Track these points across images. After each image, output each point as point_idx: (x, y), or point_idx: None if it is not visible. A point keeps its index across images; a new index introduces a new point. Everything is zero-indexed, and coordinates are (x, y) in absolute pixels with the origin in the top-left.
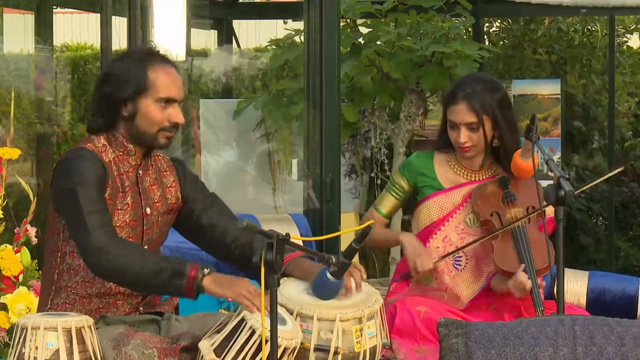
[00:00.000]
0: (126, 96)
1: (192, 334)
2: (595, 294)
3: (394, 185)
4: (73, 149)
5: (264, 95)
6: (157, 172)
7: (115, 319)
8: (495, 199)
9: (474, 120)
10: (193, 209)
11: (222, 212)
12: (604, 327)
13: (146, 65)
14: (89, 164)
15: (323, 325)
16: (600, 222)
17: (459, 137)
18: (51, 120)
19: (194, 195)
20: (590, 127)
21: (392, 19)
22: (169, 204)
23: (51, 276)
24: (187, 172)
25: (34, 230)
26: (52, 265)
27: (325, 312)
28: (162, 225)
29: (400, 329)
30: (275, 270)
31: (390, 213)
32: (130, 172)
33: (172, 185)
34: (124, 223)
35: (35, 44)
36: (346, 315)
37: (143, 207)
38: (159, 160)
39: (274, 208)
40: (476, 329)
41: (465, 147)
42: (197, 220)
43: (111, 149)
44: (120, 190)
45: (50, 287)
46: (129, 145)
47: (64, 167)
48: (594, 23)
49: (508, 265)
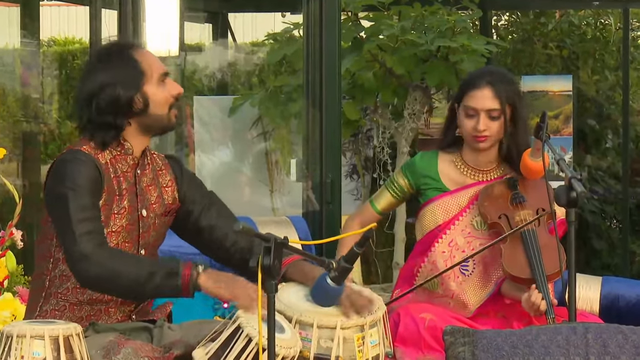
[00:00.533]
0: (134, 90)
1: (186, 342)
2: (609, 301)
3: (393, 183)
4: (68, 151)
5: (261, 92)
6: (154, 171)
7: (105, 326)
8: (503, 201)
9: (497, 107)
10: (191, 210)
11: (221, 214)
12: (618, 335)
13: (130, 53)
14: (84, 168)
15: (323, 333)
16: (614, 225)
17: (478, 125)
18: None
19: (192, 195)
20: (603, 126)
21: (396, 11)
22: (166, 204)
23: (42, 282)
24: (183, 171)
25: (20, 233)
26: (43, 271)
27: (325, 319)
28: (159, 228)
29: (404, 337)
30: (273, 275)
31: (385, 210)
32: (128, 173)
33: (169, 184)
34: (120, 228)
35: (21, 38)
36: (347, 323)
37: (139, 209)
38: (155, 159)
39: (271, 210)
40: (484, 337)
41: (481, 137)
42: (195, 222)
43: (107, 150)
44: (117, 193)
45: (40, 293)
46: (127, 143)
47: (57, 170)
48: (607, 16)
49: (517, 271)
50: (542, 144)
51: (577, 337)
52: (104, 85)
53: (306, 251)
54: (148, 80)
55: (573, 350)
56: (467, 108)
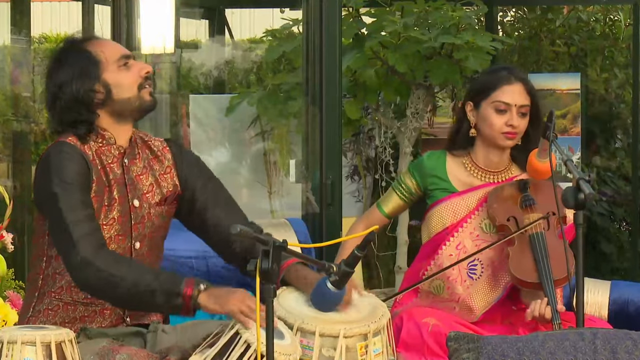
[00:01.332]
0: (93, 81)
1: (182, 347)
2: (618, 306)
3: (401, 184)
4: (53, 144)
5: (259, 90)
6: (146, 159)
7: (96, 331)
8: (512, 203)
9: (528, 103)
10: (195, 199)
11: (228, 212)
12: (627, 341)
13: (83, 46)
14: (70, 162)
15: (325, 342)
16: (624, 228)
17: (512, 120)
18: (29, 117)
19: (194, 181)
20: (612, 125)
21: (398, 7)
22: (164, 192)
23: (35, 282)
24: (184, 154)
25: (11, 236)
26: (37, 270)
27: (328, 327)
28: (155, 218)
29: (407, 343)
30: (272, 279)
31: (393, 213)
32: (114, 163)
33: (167, 171)
34: (112, 220)
35: (11, 34)
36: (351, 331)
37: (130, 199)
38: (149, 146)
39: (270, 212)
40: (489, 343)
41: (512, 133)
42: (200, 214)
43: (92, 142)
44: (106, 184)
45: (34, 293)
46: (107, 132)
47: (44, 166)
48: (616, 12)
49: (524, 274)
50: (550, 144)
51: (585, 343)
52: (62, 83)
53: (306, 254)
54: (105, 68)
55: (581, 357)
56: (498, 103)
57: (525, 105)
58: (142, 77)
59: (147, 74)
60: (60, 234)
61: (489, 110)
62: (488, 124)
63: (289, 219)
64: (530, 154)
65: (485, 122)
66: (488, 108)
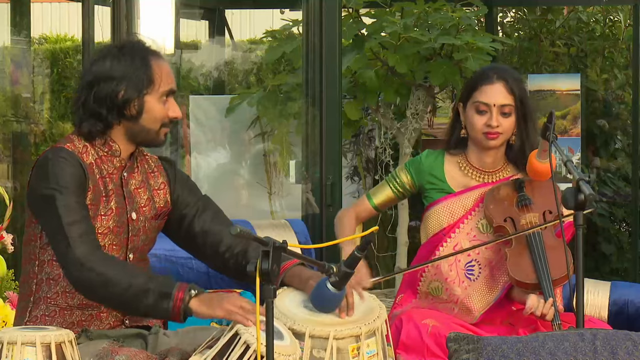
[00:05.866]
0: (136, 94)
1: (182, 349)
2: (618, 306)
3: (395, 179)
4: (51, 149)
5: (259, 91)
6: (144, 173)
7: (98, 332)
8: (509, 203)
9: (510, 102)
10: (184, 214)
11: (216, 218)
12: (627, 342)
13: (150, 59)
14: (68, 166)
15: (316, 343)
16: (624, 229)
17: (491, 120)
18: (29, 118)
19: (185, 199)
20: (612, 126)
21: (398, 8)
22: (157, 208)
23: (29, 286)
24: (177, 173)
25: (10, 237)
26: (29, 275)
27: (318, 328)
28: (149, 232)
29: (406, 344)
30: (272, 280)
31: (382, 206)
32: (114, 175)
33: (161, 187)
34: (107, 230)
35: (11, 35)
36: (341, 333)
37: (128, 212)
38: (147, 161)
39: (270, 213)
40: (489, 344)
41: (493, 133)
42: (188, 227)
43: (93, 150)
44: (103, 194)
45: (29, 298)
46: (115, 144)
47: (41, 169)
48: (616, 13)
49: (522, 275)
50: (550, 144)
51: (585, 343)
52: (110, 75)
53: (306, 255)
54: (152, 91)
55: (581, 358)
56: (478, 104)
57: (507, 105)
58: (169, 118)
59: (175, 118)
60: (57, 234)
61: (471, 110)
62: (470, 125)
63: (289, 220)
64: (530, 154)
65: (469, 123)
66: (470, 108)
